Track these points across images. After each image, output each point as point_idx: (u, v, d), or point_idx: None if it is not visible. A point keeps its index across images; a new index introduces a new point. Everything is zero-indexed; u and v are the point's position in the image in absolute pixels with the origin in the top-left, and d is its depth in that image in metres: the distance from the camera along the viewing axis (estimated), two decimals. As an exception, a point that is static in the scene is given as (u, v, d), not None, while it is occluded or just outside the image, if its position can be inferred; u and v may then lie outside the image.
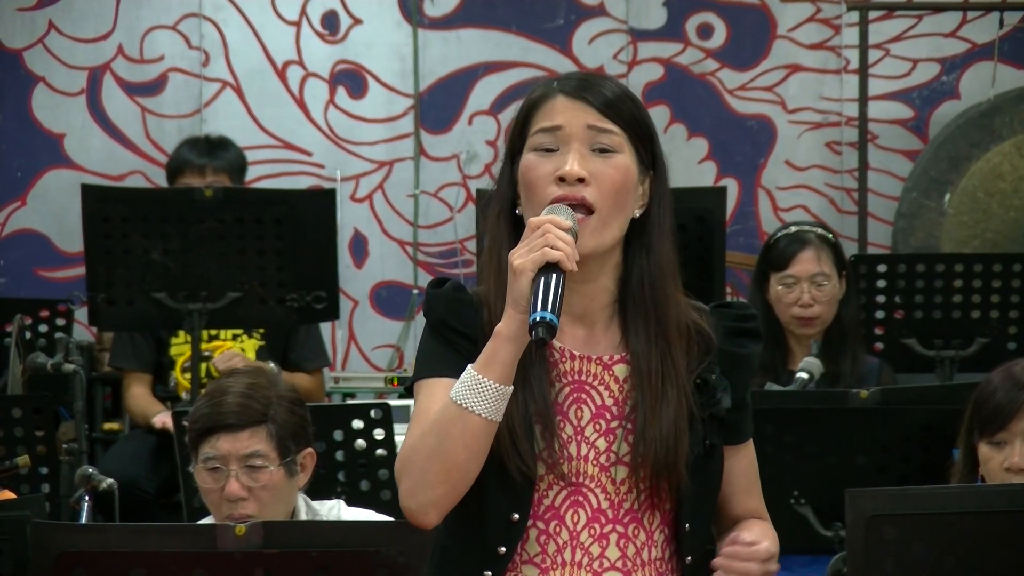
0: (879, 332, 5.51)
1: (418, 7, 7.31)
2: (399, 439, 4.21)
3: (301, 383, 5.70)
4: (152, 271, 5.32)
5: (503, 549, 2.58)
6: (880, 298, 5.50)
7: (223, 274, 5.34)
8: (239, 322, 5.63)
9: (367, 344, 7.32)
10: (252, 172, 6.72)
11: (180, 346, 5.81)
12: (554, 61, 7.29)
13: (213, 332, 5.76)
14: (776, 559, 2.61)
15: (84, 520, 4.15)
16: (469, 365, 2.52)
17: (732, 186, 7.26)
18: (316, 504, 3.83)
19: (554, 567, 2.60)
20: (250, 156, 6.54)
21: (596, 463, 2.61)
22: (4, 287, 7.19)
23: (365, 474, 4.33)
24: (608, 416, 2.62)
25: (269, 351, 5.83)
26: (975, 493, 2.99)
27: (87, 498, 4.20)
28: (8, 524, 3.00)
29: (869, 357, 5.31)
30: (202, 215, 5.30)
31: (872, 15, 7.18)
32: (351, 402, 5.74)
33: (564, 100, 2.65)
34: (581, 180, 2.60)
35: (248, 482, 3.68)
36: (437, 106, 7.33)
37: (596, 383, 2.63)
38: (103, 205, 5.35)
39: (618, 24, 7.35)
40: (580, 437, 2.61)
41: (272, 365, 5.65)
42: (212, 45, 7.29)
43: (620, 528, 2.61)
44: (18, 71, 7.23)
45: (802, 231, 5.25)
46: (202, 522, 3.81)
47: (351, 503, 3.97)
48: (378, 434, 4.34)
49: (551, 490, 2.60)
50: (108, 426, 6.35)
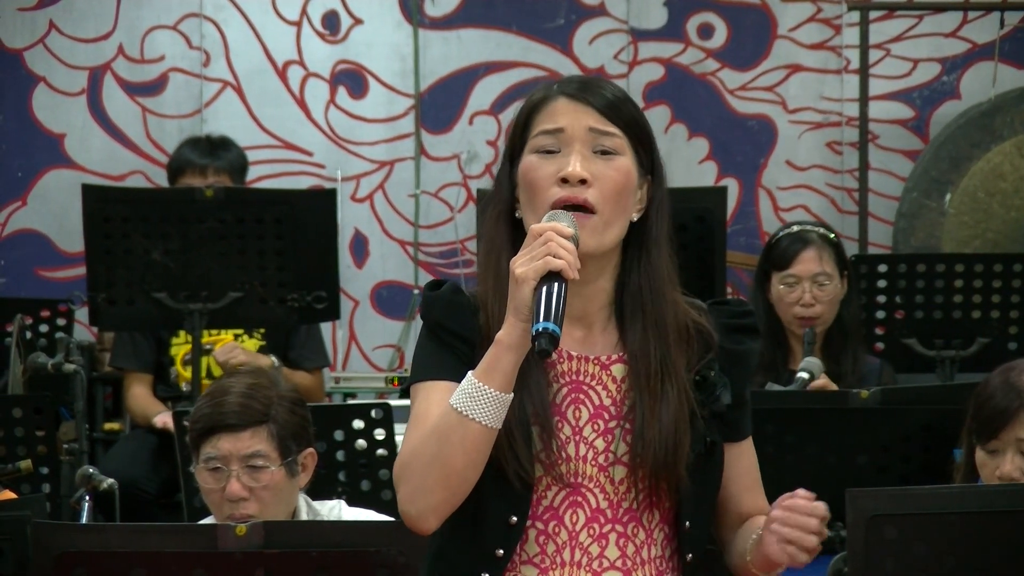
0: (880, 332, 5.51)
1: (419, 7, 7.31)
2: (399, 439, 4.20)
3: (301, 381, 5.71)
4: (153, 271, 5.32)
5: (501, 552, 2.58)
6: (881, 298, 5.50)
7: (224, 274, 5.34)
8: (240, 322, 5.63)
9: (368, 344, 7.32)
10: (253, 172, 6.72)
11: (180, 346, 5.81)
12: (554, 61, 7.28)
13: (214, 332, 5.76)
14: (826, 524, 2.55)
15: (84, 520, 4.15)
16: (470, 372, 2.52)
17: (733, 186, 7.26)
18: (317, 504, 3.83)
19: (553, 567, 2.60)
20: (251, 156, 6.54)
21: (594, 463, 2.61)
22: (4, 287, 7.19)
23: (366, 474, 4.33)
24: (606, 416, 2.62)
25: (269, 351, 5.83)
26: (975, 493, 2.98)
27: (87, 498, 4.20)
28: (8, 524, 3.00)
29: (870, 357, 5.31)
30: (203, 215, 5.30)
31: (873, 15, 7.17)
32: (352, 402, 5.73)
33: (566, 102, 2.65)
34: (583, 181, 2.60)
35: (249, 482, 3.67)
36: (438, 106, 7.33)
37: (594, 383, 2.63)
38: (104, 205, 5.35)
39: (619, 24, 7.34)
40: (578, 437, 2.61)
41: (272, 358, 5.66)
42: (213, 45, 7.28)
43: (619, 527, 2.61)
44: (19, 71, 7.23)
45: (804, 231, 5.24)
46: (203, 522, 3.81)
47: (352, 503, 3.97)
48: (379, 434, 4.34)
49: (549, 491, 2.60)
50: (109, 426, 6.35)
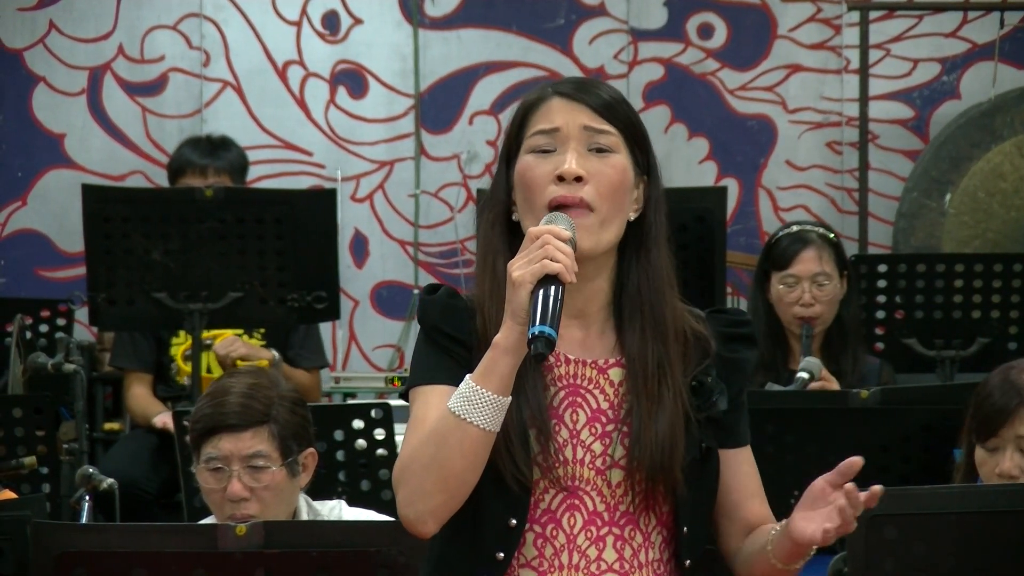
0: (880, 332, 5.51)
1: (419, 7, 7.31)
2: (399, 439, 4.20)
3: (299, 379, 5.71)
4: (153, 271, 5.31)
5: (501, 555, 2.58)
6: (881, 298, 5.50)
7: (224, 274, 5.34)
8: (240, 322, 5.63)
9: (368, 344, 7.32)
10: (253, 172, 6.72)
11: (180, 346, 5.81)
12: (554, 61, 7.29)
13: (215, 333, 5.76)
14: None
15: (84, 520, 4.15)
16: (467, 376, 2.51)
17: (733, 186, 7.26)
18: (317, 504, 3.83)
19: (552, 570, 2.59)
20: (251, 156, 6.53)
21: (592, 466, 2.60)
22: (5, 287, 7.19)
23: (366, 474, 4.32)
24: (604, 420, 2.62)
25: (270, 351, 5.84)
26: (975, 493, 2.99)
27: (87, 498, 4.19)
28: (9, 524, 3.00)
29: (870, 357, 5.30)
30: (203, 215, 5.30)
31: (873, 15, 7.17)
32: (352, 402, 5.73)
33: (560, 102, 2.65)
34: (579, 179, 2.60)
35: (250, 482, 3.67)
36: (438, 106, 7.33)
37: (591, 387, 2.63)
38: (104, 205, 5.35)
39: (619, 24, 7.34)
40: (576, 441, 2.61)
41: (274, 352, 5.65)
42: (213, 45, 7.29)
43: (616, 531, 2.61)
44: (19, 71, 7.23)
45: (804, 230, 5.24)
46: (203, 522, 3.81)
47: (352, 503, 3.97)
48: (379, 434, 4.33)
49: (547, 494, 2.60)
50: (109, 426, 6.35)
